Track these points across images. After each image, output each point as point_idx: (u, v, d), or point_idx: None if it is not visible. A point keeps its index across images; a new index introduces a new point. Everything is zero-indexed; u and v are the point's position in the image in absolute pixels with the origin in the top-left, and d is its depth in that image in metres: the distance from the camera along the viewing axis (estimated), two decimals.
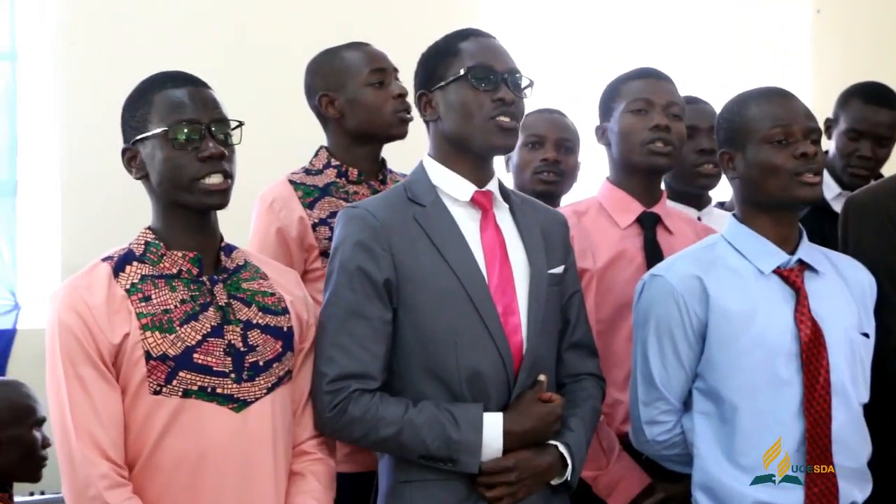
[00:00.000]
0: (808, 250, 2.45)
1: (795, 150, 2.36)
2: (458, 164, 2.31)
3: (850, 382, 2.37)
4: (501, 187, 2.38)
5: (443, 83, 2.29)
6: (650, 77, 2.77)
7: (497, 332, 2.24)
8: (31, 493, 3.87)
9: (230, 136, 2.16)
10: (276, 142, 4.06)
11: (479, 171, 2.32)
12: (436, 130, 2.34)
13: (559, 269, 2.38)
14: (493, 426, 2.20)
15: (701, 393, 2.41)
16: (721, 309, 2.37)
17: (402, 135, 2.82)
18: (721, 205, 3.39)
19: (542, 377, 2.28)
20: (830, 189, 3.37)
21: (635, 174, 2.75)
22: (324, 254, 2.72)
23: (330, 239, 2.65)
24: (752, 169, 2.40)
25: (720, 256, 2.43)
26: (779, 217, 2.42)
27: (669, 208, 2.84)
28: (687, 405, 2.44)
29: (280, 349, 2.19)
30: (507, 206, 2.37)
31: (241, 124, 2.18)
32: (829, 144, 3.44)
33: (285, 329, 2.21)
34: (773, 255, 2.41)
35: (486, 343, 2.23)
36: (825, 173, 2.97)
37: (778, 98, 2.43)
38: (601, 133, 2.81)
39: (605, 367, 2.50)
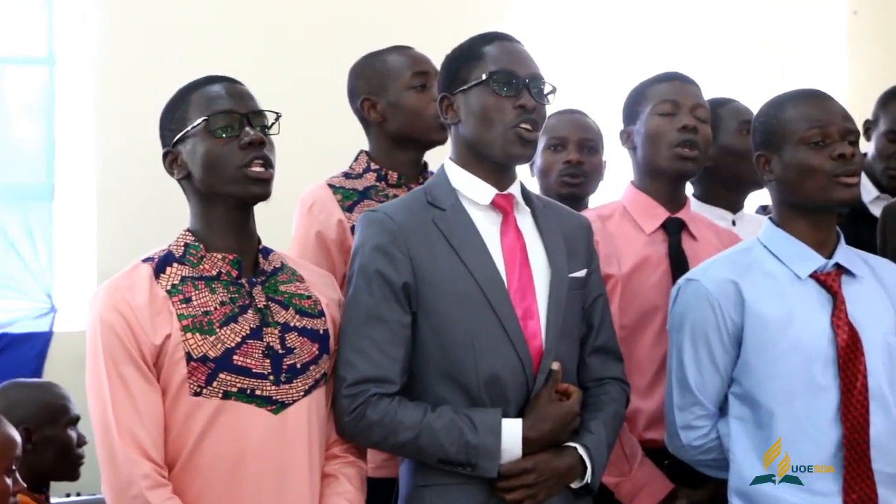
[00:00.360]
0: (846, 254, 2.44)
1: (833, 151, 2.35)
2: (478, 167, 2.32)
3: (889, 387, 2.36)
4: (524, 190, 2.38)
5: (465, 87, 2.30)
6: (676, 80, 2.77)
7: (516, 336, 2.24)
8: (68, 495, 3.92)
9: (268, 128, 2.19)
10: (313, 146, 4.10)
11: (499, 175, 2.32)
12: (456, 134, 2.35)
13: (581, 273, 2.37)
14: (511, 433, 2.21)
15: (737, 398, 2.40)
16: (757, 314, 2.36)
17: (442, 140, 2.80)
18: (764, 209, 3.37)
19: (555, 366, 2.27)
20: (868, 192, 3.35)
21: (661, 179, 2.74)
22: None
23: None
24: (788, 171, 2.39)
25: (756, 260, 2.42)
26: (816, 220, 2.41)
27: (693, 213, 2.83)
28: (722, 410, 2.44)
29: (316, 352, 2.21)
30: (528, 209, 2.37)
31: (279, 116, 2.22)
32: (867, 147, 3.43)
33: (321, 332, 2.24)
34: (810, 259, 2.40)
35: (505, 347, 2.23)
36: (863, 176, 2.97)
37: (814, 99, 2.43)
38: (626, 137, 2.80)
39: (628, 373, 2.51)
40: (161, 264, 2.16)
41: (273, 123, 2.21)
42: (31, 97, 4.79)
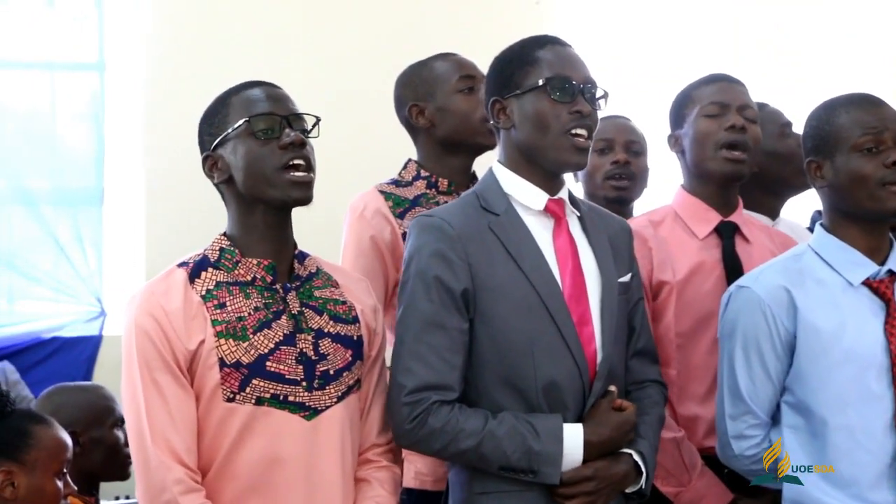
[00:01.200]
0: None
1: (886, 158, 2.34)
2: (530, 172, 2.33)
3: None
4: (570, 195, 2.39)
5: (519, 91, 2.31)
6: (723, 81, 2.77)
7: (573, 342, 2.26)
8: (117, 498, 3.98)
9: (308, 132, 2.21)
10: (355, 153, 4.13)
11: (551, 180, 2.34)
12: (508, 138, 2.36)
13: (626, 278, 2.39)
14: (573, 437, 2.22)
15: (789, 406, 2.40)
16: (809, 322, 2.36)
17: (490, 144, 2.80)
18: (820, 213, 3.36)
19: (612, 388, 2.30)
20: None
21: (711, 182, 2.73)
22: None
23: None
24: (840, 178, 2.38)
25: (808, 267, 2.41)
26: (868, 226, 2.40)
27: (746, 215, 2.82)
28: (775, 419, 2.43)
29: (350, 358, 2.22)
30: (576, 214, 2.38)
31: (318, 120, 2.24)
32: None
33: (355, 338, 2.25)
34: (863, 267, 2.38)
35: (563, 353, 2.25)
36: None
37: (868, 105, 2.41)
38: (674, 141, 2.80)
39: (685, 381, 2.50)
40: (196, 269, 2.18)
41: (313, 127, 2.23)
42: (82, 103, 4.88)
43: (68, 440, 2.52)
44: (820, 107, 2.48)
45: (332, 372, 2.19)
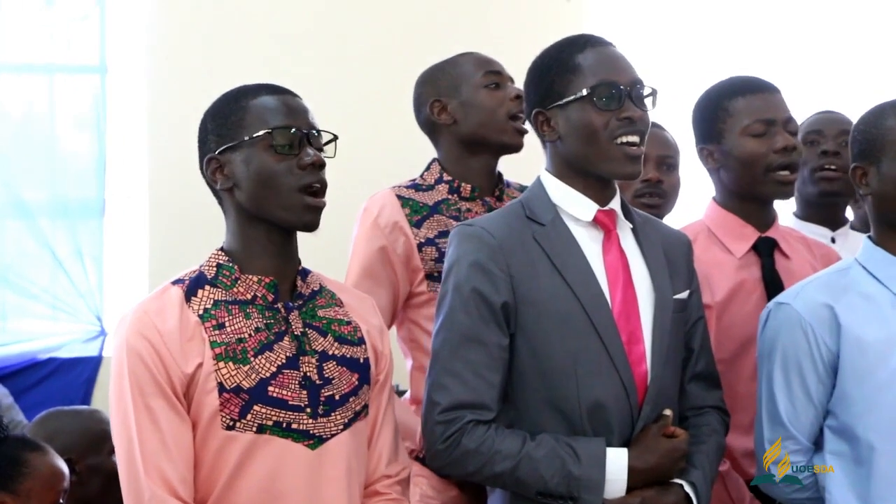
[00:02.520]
0: None
1: None
2: (578, 182, 2.32)
3: None
4: (624, 205, 2.38)
5: (562, 102, 2.29)
6: (762, 91, 2.70)
7: (621, 362, 2.23)
8: None
9: (321, 149, 2.18)
10: (367, 156, 4.13)
11: (601, 189, 2.32)
12: (554, 150, 2.34)
13: (684, 295, 2.37)
14: (617, 462, 2.20)
15: (833, 431, 2.37)
16: (855, 340, 2.32)
17: (515, 145, 2.81)
18: None
19: (667, 412, 2.28)
20: None
21: (753, 201, 2.71)
22: (429, 276, 2.74)
23: (436, 260, 2.70)
24: (886, 185, 2.36)
25: (853, 282, 2.39)
26: None
27: (783, 229, 2.80)
28: (818, 445, 2.40)
29: (356, 382, 2.19)
30: (629, 225, 2.36)
31: (335, 137, 2.21)
32: None
33: (361, 361, 2.21)
34: None
35: (609, 372, 2.23)
36: None
37: None
38: (708, 155, 2.74)
39: (729, 409, 2.47)
40: (192, 286, 2.14)
41: (328, 143, 2.20)
42: (82, 107, 4.90)
43: (65, 468, 2.52)
44: (868, 111, 2.45)
45: (337, 397, 2.15)
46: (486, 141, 2.83)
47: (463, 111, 2.83)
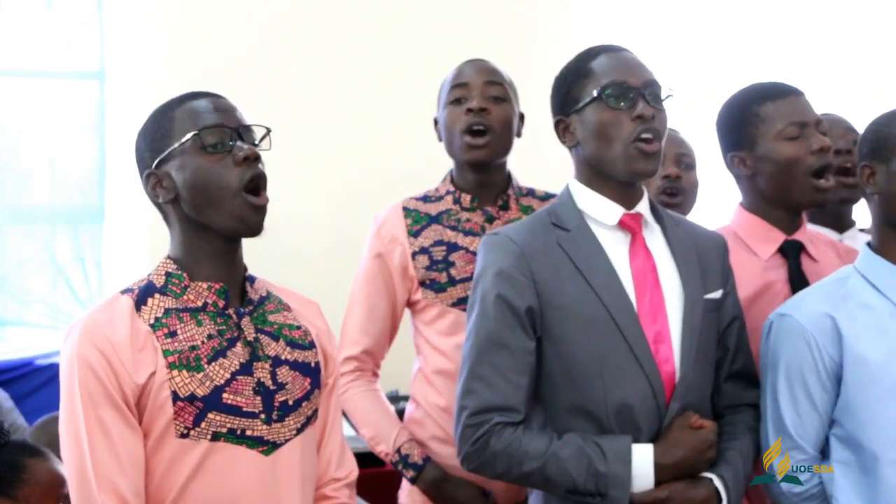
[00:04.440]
0: None
1: None
2: (603, 186, 2.37)
3: None
4: (653, 207, 2.41)
5: (578, 106, 2.35)
6: (790, 95, 2.69)
7: (647, 361, 2.28)
8: None
9: (257, 144, 2.16)
10: (374, 165, 4.14)
11: (627, 193, 2.38)
12: (577, 156, 2.42)
13: (717, 294, 2.41)
14: (642, 457, 2.25)
15: (839, 440, 2.39)
16: (856, 351, 2.34)
17: (469, 160, 2.85)
18: None
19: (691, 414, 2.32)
20: None
21: (783, 205, 2.70)
22: (422, 284, 2.83)
23: (427, 268, 2.80)
24: (894, 184, 2.37)
25: (852, 291, 2.40)
26: None
27: (811, 232, 2.79)
28: (824, 454, 2.43)
29: (308, 386, 2.20)
30: (658, 227, 2.40)
31: (269, 131, 2.19)
32: None
33: (313, 365, 2.22)
34: None
35: (636, 373, 2.28)
36: None
37: None
38: (739, 162, 2.71)
39: None
40: (142, 295, 2.14)
41: (262, 138, 2.18)
42: (82, 113, 4.93)
43: (64, 474, 2.54)
44: (885, 113, 2.46)
45: (291, 402, 2.16)
46: (454, 159, 2.91)
47: (439, 130, 2.94)
